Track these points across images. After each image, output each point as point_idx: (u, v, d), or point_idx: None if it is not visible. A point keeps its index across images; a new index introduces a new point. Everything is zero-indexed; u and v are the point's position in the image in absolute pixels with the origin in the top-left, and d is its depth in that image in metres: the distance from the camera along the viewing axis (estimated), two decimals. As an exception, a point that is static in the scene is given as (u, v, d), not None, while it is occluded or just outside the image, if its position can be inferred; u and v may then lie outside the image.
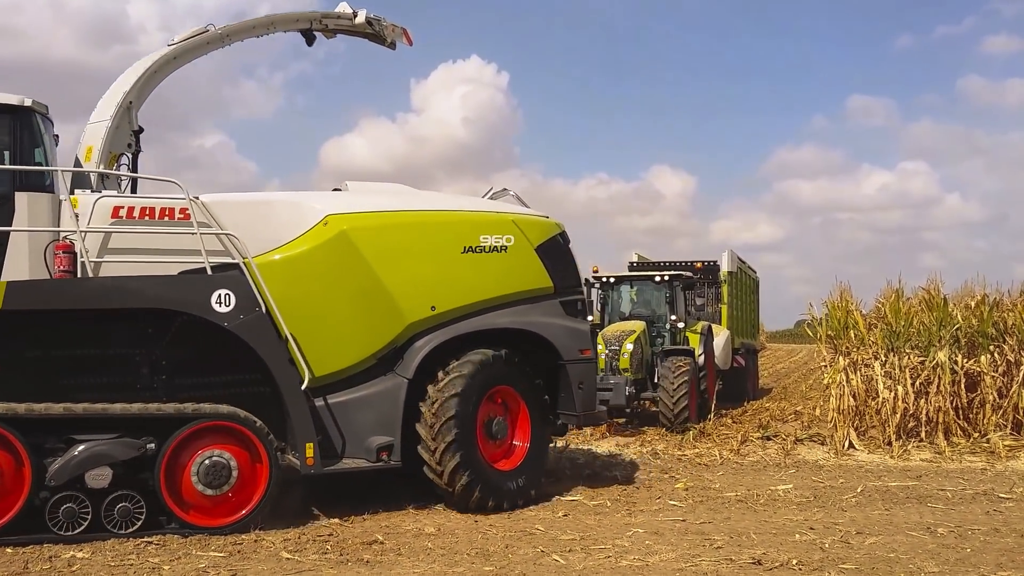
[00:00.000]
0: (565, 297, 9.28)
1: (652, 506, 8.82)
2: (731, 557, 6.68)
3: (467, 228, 8.83)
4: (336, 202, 8.49)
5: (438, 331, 8.50)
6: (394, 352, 8.40)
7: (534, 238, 9.11)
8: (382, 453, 8.08)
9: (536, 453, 8.92)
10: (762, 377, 31.11)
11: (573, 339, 9.19)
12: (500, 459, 8.74)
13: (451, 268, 8.64)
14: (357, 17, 10.76)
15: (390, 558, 6.70)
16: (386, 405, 8.24)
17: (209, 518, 7.34)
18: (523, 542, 7.19)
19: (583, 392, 9.17)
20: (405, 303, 8.38)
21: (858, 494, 9.40)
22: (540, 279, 9.09)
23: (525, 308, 8.99)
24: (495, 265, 8.81)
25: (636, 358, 15.04)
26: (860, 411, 13.19)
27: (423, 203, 8.99)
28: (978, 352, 13.16)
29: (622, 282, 17.46)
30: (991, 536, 7.45)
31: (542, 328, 8.99)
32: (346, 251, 8.21)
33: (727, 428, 15.20)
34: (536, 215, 9.44)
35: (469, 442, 8.24)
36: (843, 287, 14.24)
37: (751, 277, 24.21)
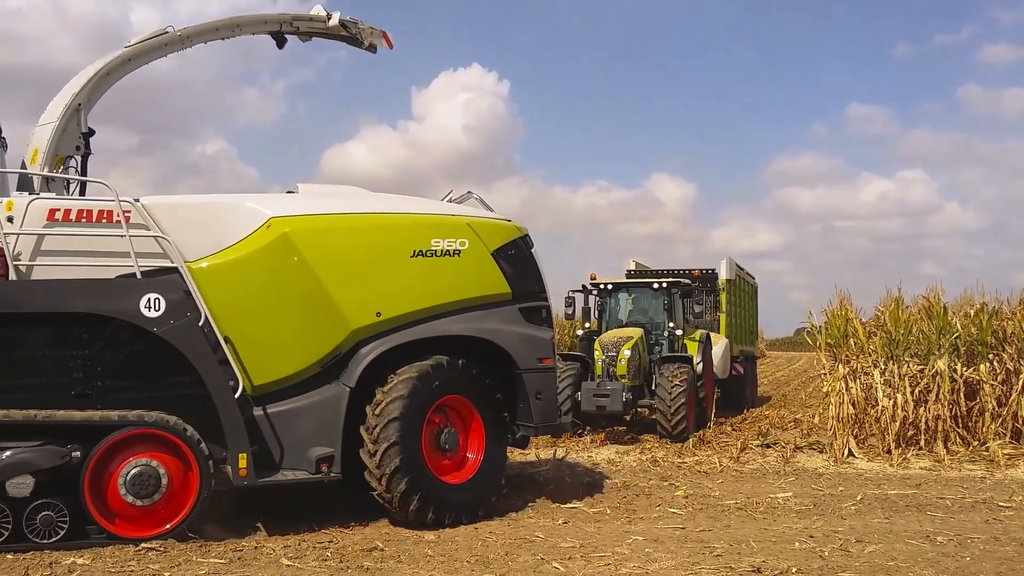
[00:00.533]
0: (525, 304, 8.93)
1: (652, 513, 8.82)
2: (731, 565, 6.68)
3: (417, 231, 8.50)
4: (280, 204, 8.22)
5: (384, 338, 8.18)
6: (340, 360, 8.10)
7: (491, 242, 8.76)
8: (322, 465, 7.79)
9: (491, 466, 8.58)
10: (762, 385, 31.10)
11: (531, 347, 8.83)
12: (450, 472, 8.42)
13: (399, 273, 8.32)
14: (331, 20, 10.45)
15: (390, 565, 6.70)
16: (328, 415, 7.94)
17: (137, 528, 7.12)
18: (523, 549, 7.19)
19: (541, 402, 8.82)
20: (349, 309, 8.07)
21: (857, 502, 9.40)
22: (497, 285, 8.74)
23: (480, 315, 8.65)
24: (447, 270, 8.48)
25: (634, 364, 14.91)
26: (859, 419, 13.19)
27: (372, 206, 8.64)
28: (977, 360, 13.17)
29: (620, 289, 17.33)
30: (991, 544, 7.45)
31: (496, 335, 8.67)
32: (288, 255, 7.92)
33: (727, 436, 15.19)
34: (496, 218, 9.10)
35: (412, 453, 7.91)
36: (843, 295, 14.28)
37: (750, 284, 24.10)
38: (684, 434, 14.25)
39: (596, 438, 14.86)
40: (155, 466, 7.17)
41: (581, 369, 15.36)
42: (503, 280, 8.77)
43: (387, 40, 11.16)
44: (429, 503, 7.92)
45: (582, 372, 15.31)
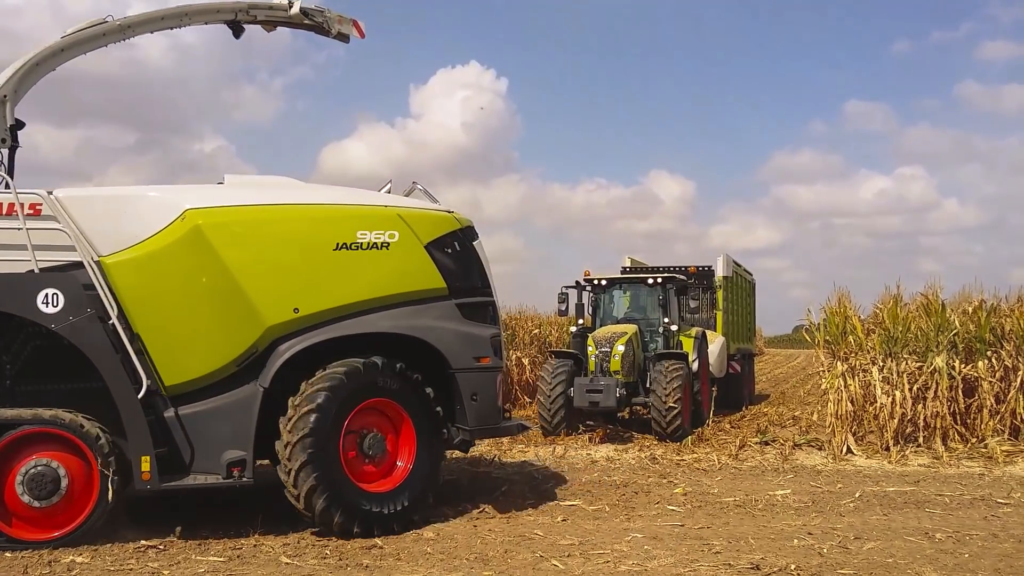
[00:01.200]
0: (464, 300, 8.44)
1: (651, 511, 8.82)
2: (730, 562, 6.69)
3: (342, 223, 8.03)
4: (197, 196, 7.82)
5: (303, 335, 7.72)
6: (258, 359, 7.67)
7: (424, 234, 8.26)
8: (233, 469, 7.38)
9: (422, 473, 8.04)
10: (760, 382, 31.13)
11: (467, 345, 8.31)
12: (377, 479, 7.90)
13: (320, 267, 7.88)
14: (292, 8, 9.99)
15: (389, 563, 6.71)
16: (241, 417, 7.50)
17: (36, 531, 6.94)
18: (522, 547, 7.20)
19: (478, 404, 8.31)
20: (264, 305, 7.62)
21: (856, 499, 9.41)
22: (430, 279, 8.25)
23: (411, 311, 8.14)
24: (374, 263, 8.00)
25: (628, 360, 14.63)
26: (858, 416, 13.20)
27: (295, 197, 8.21)
28: (976, 357, 13.17)
29: (614, 285, 16.93)
30: (989, 541, 7.46)
31: (428, 333, 8.15)
32: (201, 248, 7.53)
33: (725, 433, 15.19)
34: (432, 210, 8.60)
35: (329, 460, 7.43)
36: (841, 292, 14.27)
37: (747, 280, 23.68)
38: (679, 433, 14.02)
39: (595, 435, 14.86)
40: (54, 467, 6.95)
41: (574, 366, 15.10)
42: (438, 274, 8.28)
43: (358, 29, 10.70)
44: (353, 516, 7.46)
45: (575, 369, 15.04)
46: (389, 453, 8.00)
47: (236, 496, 8.49)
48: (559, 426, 14.58)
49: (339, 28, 10.38)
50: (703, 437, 14.40)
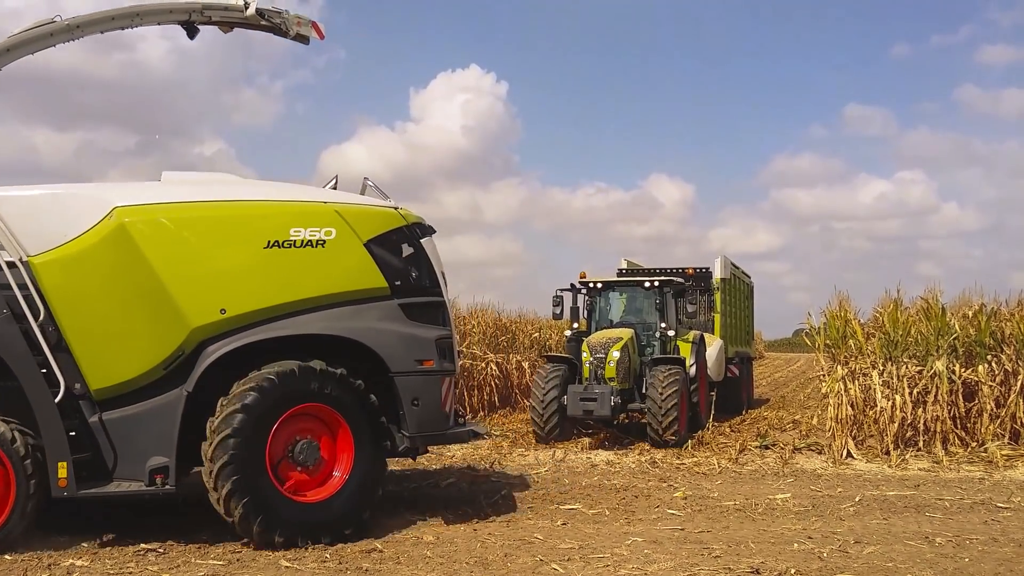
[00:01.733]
0: (409, 299, 8.03)
1: (651, 515, 8.82)
2: (729, 566, 6.69)
3: (275, 220, 7.68)
4: (127, 194, 7.56)
5: (231, 337, 7.39)
6: (187, 362, 7.35)
7: (365, 231, 7.87)
8: (156, 476, 7.08)
9: (360, 482, 7.61)
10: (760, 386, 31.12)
11: (408, 348, 7.89)
12: (311, 488, 7.51)
13: (249, 266, 7.55)
14: (248, 8, 9.78)
15: (389, 566, 6.71)
16: (165, 422, 7.20)
17: None
18: (522, 551, 7.20)
19: (420, 410, 7.89)
20: (190, 306, 7.30)
21: (856, 503, 9.41)
22: (370, 278, 7.86)
23: (348, 311, 7.77)
24: (308, 262, 7.64)
25: (623, 366, 14.27)
26: (858, 420, 13.20)
27: (230, 194, 7.89)
28: (976, 362, 13.18)
29: (610, 288, 16.62)
30: (989, 545, 7.46)
31: (364, 334, 7.77)
32: (127, 247, 7.27)
33: (725, 437, 15.19)
34: (374, 205, 8.22)
35: (252, 464, 7.07)
36: (842, 296, 14.29)
37: (745, 283, 23.37)
38: (676, 440, 13.76)
39: (595, 439, 14.87)
40: None
41: (568, 372, 14.82)
42: (379, 273, 7.89)
43: (317, 30, 10.47)
44: (275, 525, 7.08)
45: (569, 375, 14.77)
46: (325, 461, 7.59)
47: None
48: (552, 433, 14.38)
49: (298, 30, 10.21)
50: (703, 441, 14.40)
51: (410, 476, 11.05)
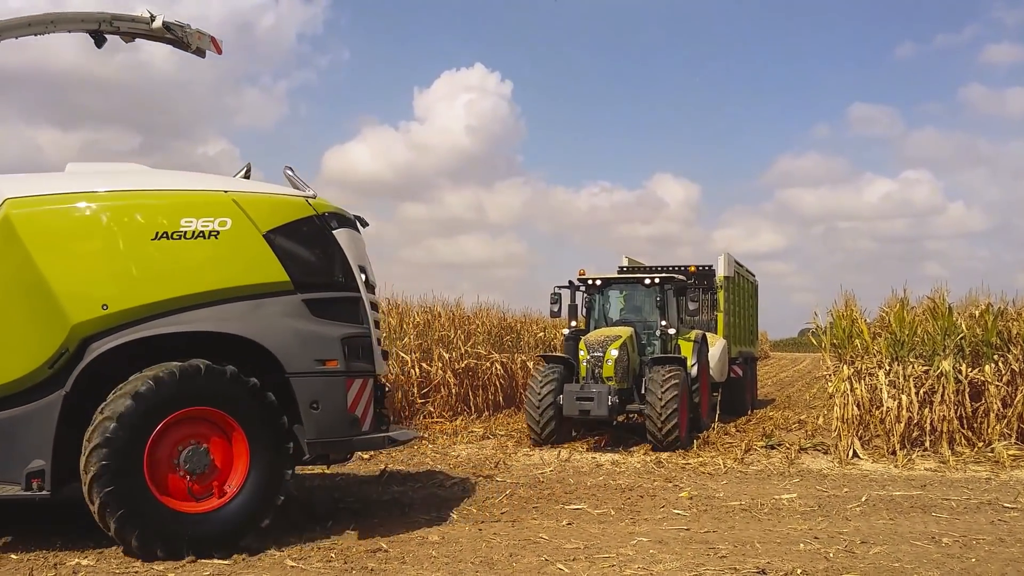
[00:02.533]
0: (316, 294, 7.52)
1: (656, 515, 8.81)
2: (735, 566, 6.67)
3: (166, 211, 7.18)
4: (20, 185, 7.21)
5: (113, 335, 6.95)
6: (73, 362, 6.94)
7: (264, 221, 7.36)
8: (33, 480, 6.72)
9: (256, 489, 7.11)
10: (766, 386, 31.08)
11: (308, 346, 7.35)
12: (200, 497, 7.01)
13: (135, 259, 7.07)
14: (155, 22, 9.91)
15: (394, 566, 6.70)
16: (43, 424, 6.82)
17: None
18: (527, 551, 7.19)
19: (319, 413, 7.33)
20: (71, 302, 6.89)
21: (862, 503, 9.39)
22: (269, 272, 7.34)
23: (244, 307, 7.25)
24: (199, 254, 7.16)
25: (621, 366, 13.90)
26: (864, 420, 13.17)
27: (124, 184, 7.42)
28: (982, 361, 13.15)
29: (609, 285, 16.11)
30: (996, 546, 7.44)
31: (258, 332, 7.23)
32: (12, 241, 6.91)
33: (731, 437, 15.17)
34: (282, 194, 7.73)
35: (127, 478, 6.63)
36: (848, 296, 14.26)
37: (749, 281, 22.90)
38: (675, 442, 13.36)
39: (600, 439, 14.85)
40: None
41: (565, 371, 14.43)
42: (279, 266, 7.38)
43: (216, 46, 10.67)
44: (155, 536, 6.67)
45: (566, 374, 14.38)
46: (216, 468, 7.08)
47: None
48: (549, 436, 14.04)
49: (198, 43, 10.44)
50: (708, 441, 14.38)
51: (415, 476, 11.05)
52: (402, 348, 17.47)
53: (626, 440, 14.70)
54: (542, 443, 14.03)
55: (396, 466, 11.92)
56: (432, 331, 19.17)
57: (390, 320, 17.94)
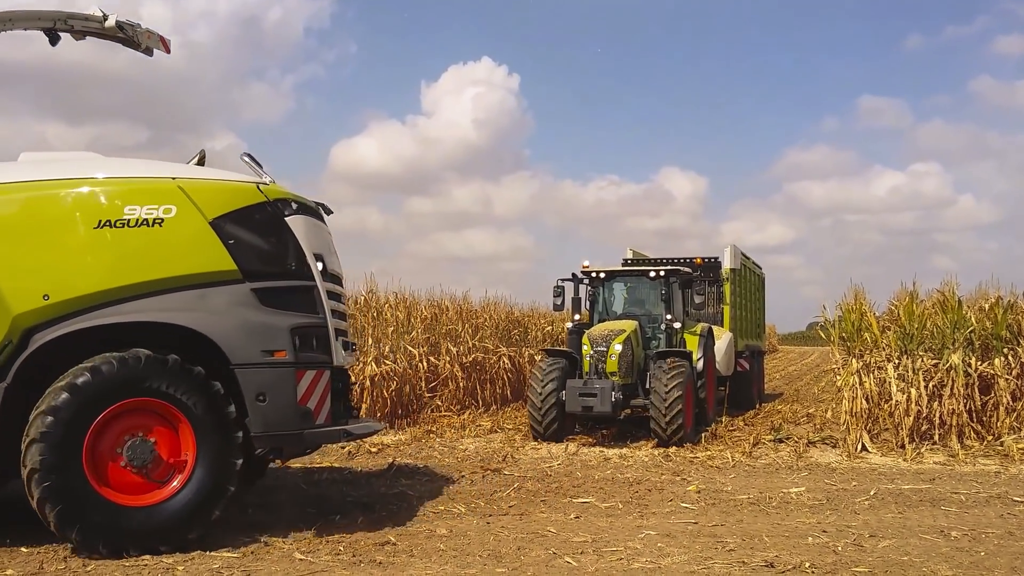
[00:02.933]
0: (265, 283, 7.29)
1: (664, 508, 8.80)
2: (743, 560, 6.66)
3: (109, 198, 7.03)
4: None
5: (55, 326, 6.82)
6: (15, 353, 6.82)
7: (211, 208, 7.15)
8: None
9: (204, 481, 6.91)
10: (774, 380, 31.04)
11: (255, 337, 7.12)
12: (146, 490, 6.83)
13: (77, 248, 6.95)
14: (108, 21, 9.95)
15: (402, 559, 6.72)
16: None
17: None
18: (535, 544, 7.20)
19: (266, 406, 7.08)
20: (13, 293, 6.75)
21: (871, 497, 9.37)
22: (216, 260, 7.13)
23: (189, 296, 7.06)
24: (144, 243, 6.98)
25: (625, 360, 13.68)
26: (873, 414, 13.14)
27: (70, 172, 7.27)
28: (992, 355, 13.10)
29: (613, 278, 15.84)
30: (1005, 539, 7.41)
31: (201, 322, 7.03)
32: None
33: (739, 430, 15.15)
34: (231, 180, 7.55)
35: (65, 472, 6.50)
36: (857, 289, 14.20)
37: (756, 274, 22.69)
38: (681, 437, 13.16)
39: (608, 432, 14.85)
40: None
41: (568, 365, 14.15)
42: (226, 254, 7.17)
43: (164, 45, 10.72)
44: (97, 531, 6.54)
45: (569, 369, 14.10)
46: (162, 460, 6.90)
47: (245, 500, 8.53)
48: (550, 430, 13.78)
49: (147, 42, 10.52)
50: (716, 434, 14.36)
51: (423, 470, 11.07)
52: (410, 342, 17.49)
53: (633, 433, 14.69)
54: (544, 438, 13.82)
55: (404, 460, 11.94)
56: (440, 325, 19.19)
57: (398, 314, 17.94)
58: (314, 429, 7.38)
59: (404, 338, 17.40)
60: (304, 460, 11.81)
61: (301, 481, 10.17)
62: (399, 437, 14.52)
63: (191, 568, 6.37)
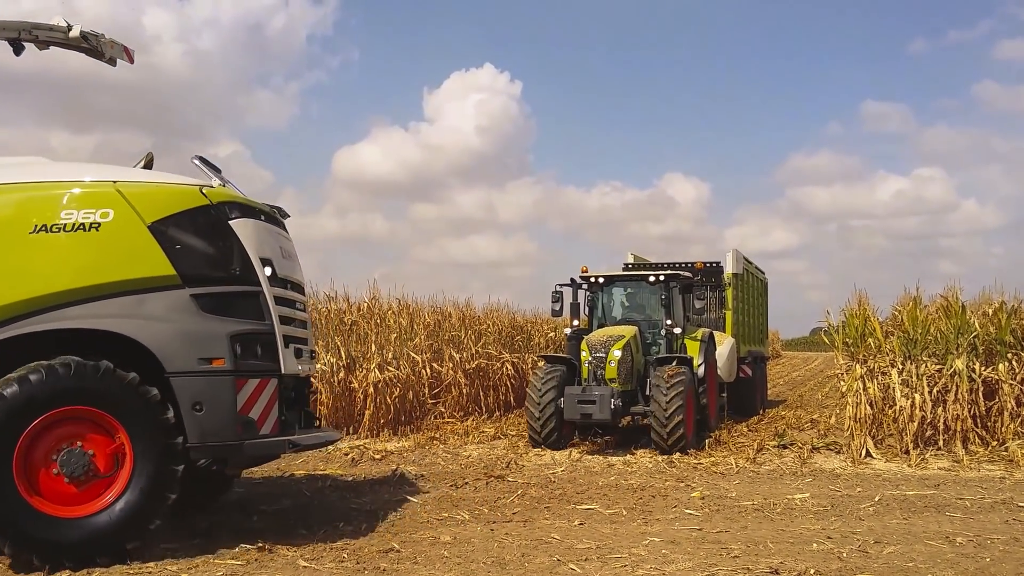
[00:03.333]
0: (206, 289, 7.09)
1: (668, 515, 8.79)
2: (748, 566, 6.65)
3: (45, 203, 6.89)
4: None
5: None
6: None
7: (150, 212, 6.98)
8: None
9: (142, 491, 6.72)
10: (778, 385, 30.99)
11: (191, 344, 6.93)
12: (83, 501, 6.66)
13: (11, 253, 6.81)
14: (72, 31, 9.90)
15: (406, 566, 6.71)
16: None
17: None
18: (539, 551, 7.19)
19: (203, 416, 6.88)
20: None
21: (876, 503, 9.34)
22: (154, 265, 6.95)
23: (126, 302, 6.87)
24: (80, 248, 6.84)
25: (625, 366, 13.40)
26: (877, 419, 13.10)
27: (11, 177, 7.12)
28: (996, 360, 13.06)
29: (612, 283, 15.50)
30: (1010, 545, 7.39)
31: (135, 329, 6.84)
32: None
33: (743, 437, 15.12)
34: (173, 183, 7.37)
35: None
36: (861, 294, 14.18)
37: (759, 279, 22.37)
38: (682, 445, 12.90)
39: (610, 439, 14.83)
40: None
41: (567, 372, 13.92)
42: (164, 259, 6.99)
43: (128, 55, 10.63)
44: (29, 545, 6.42)
45: (568, 375, 13.87)
46: (98, 469, 6.73)
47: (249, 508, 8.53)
48: (549, 438, 13.55)
49: (111, 53, 10.52)
50: (720, 440, 14.33)
51: (426, 477, 11.07)
52: (413, 348, 17.49)
53: (637, 440, 14.66)
54: (543, 445, 13.59)
55: (408, 466, 11.93)
56: (443, 331, 19.20)
57: (401, 320, 17.95)
58: (256, 440, 7.15)
59: (407, 344, 17.41)
60: (307, 467, 11.81)
61: (304, 488, 10.16)
62: (402, 444, 14.52)
63: (195, 575, 6.37)
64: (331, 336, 16.41)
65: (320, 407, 15.49)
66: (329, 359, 15.79)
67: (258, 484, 10.34)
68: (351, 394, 15.85)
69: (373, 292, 18.12)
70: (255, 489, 10.00)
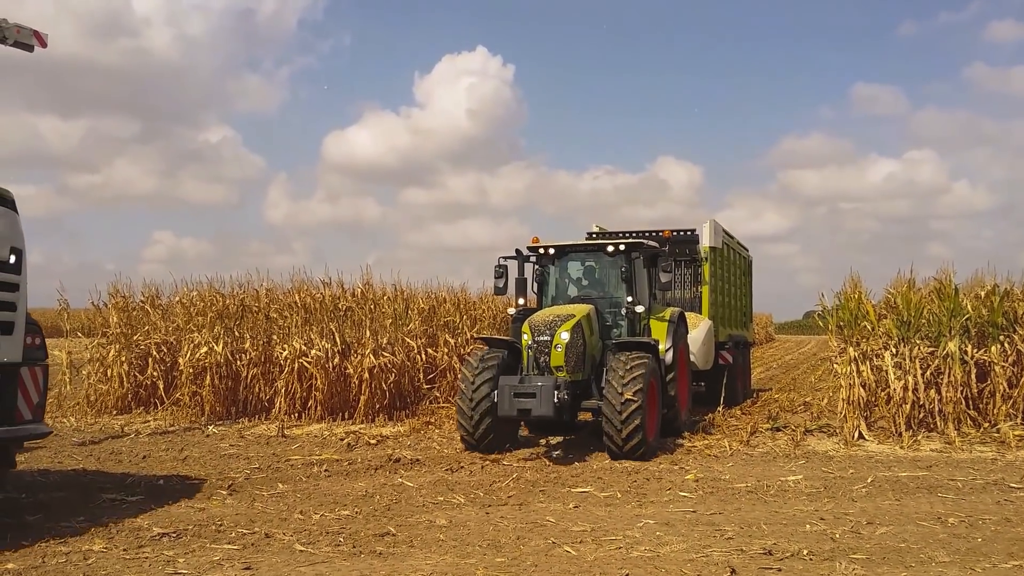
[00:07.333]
0: None
1: (662, 497, 8.83)
2: (742, 548, 6.70)
3: None
4: None
5: None
6: None
7: None
8: None
9: None
10: (771, 368, 31.05)
11: None
12: None
13: None
14: None
15: (402, 550, 6.74)
16: None
17: None
18: (534, 533, 7.22)
19: None
20: None
21: (868, 484, 9.40)
22: None
23: None
24: None
25: (574, 352, 11.20)
26: (870, 402, 13.18)
27: None
28: (988, 342, 13.13)
29: (566, 254, 13.13)
30: (1002, 526, 7.45)
31: None
32: None
33: (736, 419, 15.18)
34: None
35: None
36: (855, 277, 14.21)
37: (742, 256, 20.13)
38: (639, 449, 10.80)
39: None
40: None
41: (510, 358, 11.79)
42: None
43: (39, 39, 10.22)
44: None
45: (512, 362, 11.76)
46: None
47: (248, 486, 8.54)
48: (485, 438, 11.44)
49: (17, 37, 10.38)
50: (714, 423, 14.38)
51: (422, 461, 11.09)
52: (407, 334, 17.48)
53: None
54: (477, 448, 11.52)
55: (403, 451, 11.96)
56: (437, 317, 19.17)
57: (395, 306, 17.93)
58: (15, 430, 6.79)
59: (402, 330, 17.39)
60: (303, 452, 11.83)
61: (300, 473, 10.18)
62: (398, 429, 14.54)
63: (192, 560, 6.39)
64: (326, 322, 16.39)
65: (316, 392, 15.52)
66: (324, 345, 15.79)
67: (254, 469, 10.36)
68: (346, 380, 15.85)
69: (367, 277, 18.09)
70: (252, 475, 10.01)
